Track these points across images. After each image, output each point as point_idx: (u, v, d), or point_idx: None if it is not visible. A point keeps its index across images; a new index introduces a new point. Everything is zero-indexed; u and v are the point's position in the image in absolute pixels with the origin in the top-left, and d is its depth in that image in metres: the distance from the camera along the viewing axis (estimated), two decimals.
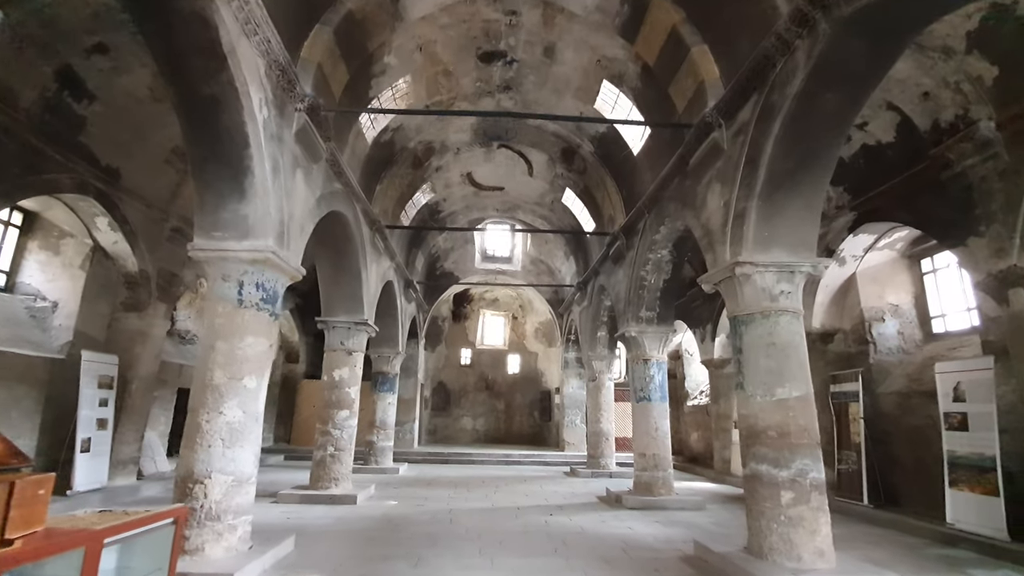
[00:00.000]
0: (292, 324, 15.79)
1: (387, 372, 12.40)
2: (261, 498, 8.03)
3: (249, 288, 4.94)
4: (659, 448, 8.47)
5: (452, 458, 14.35)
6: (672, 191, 7.05)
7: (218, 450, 4.59)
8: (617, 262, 9.78)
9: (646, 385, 8.72)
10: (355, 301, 8.74)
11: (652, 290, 8.80)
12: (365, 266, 8.74)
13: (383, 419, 12.13)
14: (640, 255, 8.59)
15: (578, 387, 16.47)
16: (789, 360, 4.98)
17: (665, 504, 7.98)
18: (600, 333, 12.52)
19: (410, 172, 10.32)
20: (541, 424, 19.38)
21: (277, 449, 14.67)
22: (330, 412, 8.40)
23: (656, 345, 8.90)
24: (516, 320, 20.62)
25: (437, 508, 7.65)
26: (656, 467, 8.38)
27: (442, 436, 19.03)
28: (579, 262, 13.42)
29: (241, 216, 4.97)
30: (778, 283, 5.15)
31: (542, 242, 15.95)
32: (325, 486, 8.08)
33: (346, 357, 8.64)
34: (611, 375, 12.69)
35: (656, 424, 8.57)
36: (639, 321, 8.91)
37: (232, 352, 4.79)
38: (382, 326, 12.02)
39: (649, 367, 8.78)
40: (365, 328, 8.85)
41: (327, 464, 8.19)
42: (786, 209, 5.11)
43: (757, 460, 4.89)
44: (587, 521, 6.95)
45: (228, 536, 4.51)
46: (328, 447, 8.26)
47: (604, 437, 12.24)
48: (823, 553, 4.58)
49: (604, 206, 10.34)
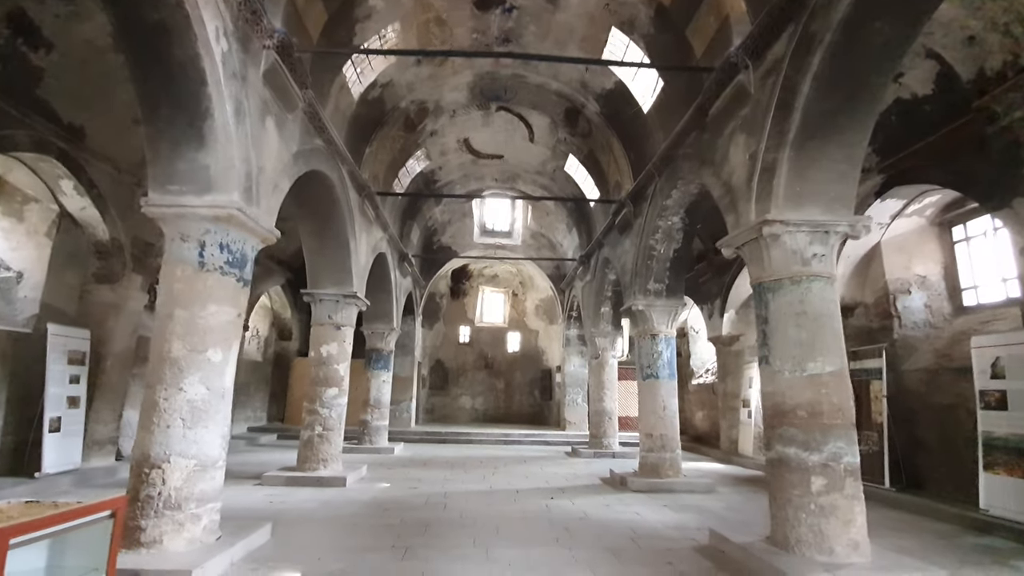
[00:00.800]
0: (284, 300, 15.25)
1: (381, 349, 11.89)
2: (245, 480, 7.60)
3: (211, 249, 4.36)
4: (667, 428, 7.98)
5: (450, 438, 13.95)
6: (688, 148, 6.40)
7: (178, 431, 4.07)
8: (623, 232, 9.16)
9: (653, 362, 8.20)
10: (343, 272, 8.16)
11: (661, 260, 8.21)
12: (354, 235, 8.14)
13: (377, 398, 11.67)
14: (649, 223, 7.98)
15: (580, 365, 16.00)
16: (822, 331, 4.43)
17: (673, 487, 7.52)
18: (604, 309, 11.97)
19: (402, 135, 9.63)
20: (542, 403, 18.99)
21: (271, 428, 14.28)
22: (317, 390, 7.90)
23: (664, 319, 8.34)
24: (516, 297, 20.07)
25: (431, 491, 7.20)
26: (663, 448, 7.91)
27: (440, 415, 18.66)
28: (582, 234, 12.79)
29: (200, 167, 4.36)
30: (810, 245, 4.56)
31: (543, 214, 15.29)
32: (313, 468, 7.62)
33: (334, 332, 8.10)
34: (614, 353, 12.18)
35: (664, 403, 8.07)
36: (647, 294, 8.34)
37: (192, 321, 4.23)
38: (375, 301, 11.47)
39: (657, 343, 8.25)
40: (355, 301, 8.29)
41: (315, 445, 7.72)
42: (822, 160, 4.48)
43: (784, 443, 4.37)
44: (591, 505, 6.49)
45: (190, 527, 4.02)
46: (316, 427, 7.77)
47: (607, 416, 11.79)
48: (858, 545, 4.09)
49: (610, 172, 9.67)
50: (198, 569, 3.60)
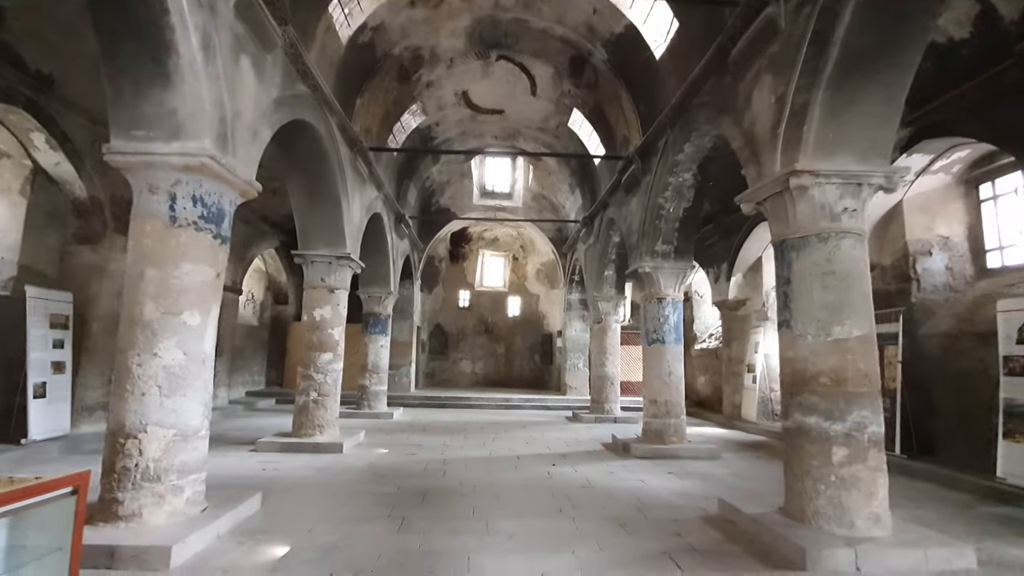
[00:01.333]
0: (279, 264, 14.87)
1: (379, 313, 11.60)
2: (241, 445, 7.43)
3: (183, 202, 3.97)
4: (672, 394, 7.76)
5: (450, 402, 13.85)
6: (705, 96, 5.89)
7: (154, 399, 3.78)
8: (630, 190, 8.71)
9: (660, 326, 7.90)
10: (336, 232, 7.76)
11: (670, 220, 7.80)
12: (345, 193, 7.70)
13: (375, 362, 11.46)
14: (658, 180, 7.53)
15: (581, 330, 15.78)
16: (850, 292, 4.09)
17: (677, 453, 7.35)
18: (607, 272, 11.62)
19: (396, 86, 9.04)
20: (542, 368, 18.89)
21: (269, 392, 14.17)
22: (312, 355, 7.63)
23: (672, 282, 8.00)
24: (517, 261, 19.69)
25: (430, 457, 7.02)
26: (668, 414, 7.70)
27: (440, 380, 18.58)
28: (585, 195, 12.31)
29: (167, 110, 3.92)
30: (841, 198, 4.17)
31: (545, 175, 14.74)
32: (308, 434, 7.43)
33: (327, 295, 7.77)
34: (617, 317, 11.90)
35: (670, 368, 7.82)
36: (654, 256, 7.97)
37: (165, 281, 3.88)
38: (371, 264, 11.12)
39: (664, 306, 7.93)
40: (348, 263, 7.93)
41: (310, 411, 7.50)
42: (860, 102, 4.04)
43: (804, 411, 4.09)
44: (594, 473, 6.30)
45: (172, 499, 3.78)
46: (311, 392, 7.54)
47: (609, 382, 11.61)
48: (879, 518, 3.87)
49: (617, 126, 9.12)
50: (179, 544, 3.37)
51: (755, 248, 11.47)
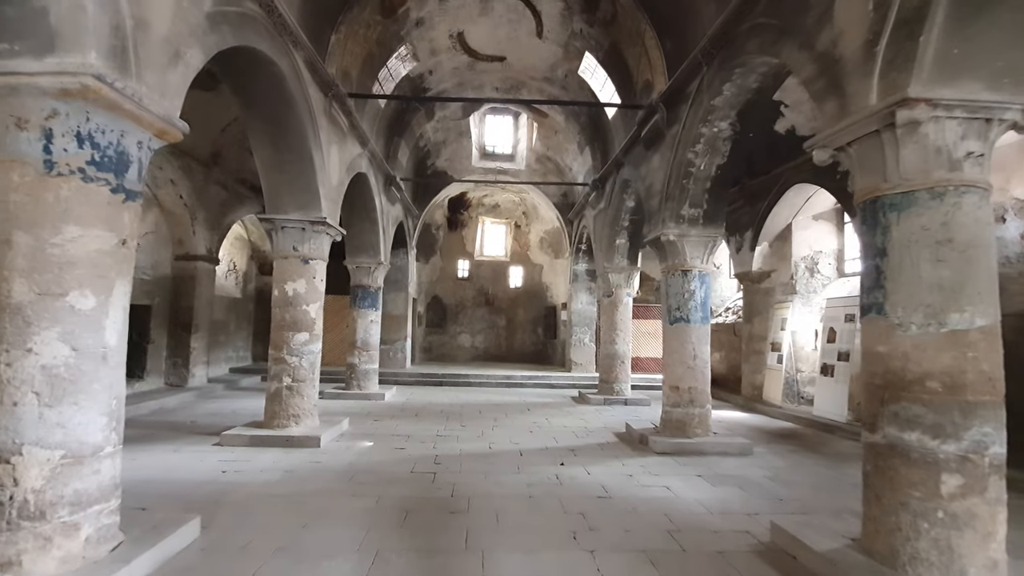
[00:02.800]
0: (262, 231, 13.75)
1: (368, 286, 10.59)
2: (205, 438, 6.53)
3: (64, 142, 2.88)
4: (697, 380, 6.80)
5: (447, 380, 12.98)
6: (758, 16, 4.69)
7: (30, 410, 2.79)
8: (651, 146, 7.54)
9: (684, 302, 6.87)
10: (309, 193, 6.66)
11: (700, 180, 6.67)
12: (319, 146, 6.57)
13: (365, 339, 10.51)
14: (688, 131, 6.38)
15: (588, 303, 14.79)
16: (973, 268, 3.04)
17: (703, 448, 6.44)
18: (619, 240, 10.53)
19: (379, 21, 7.75)
20: (545, 342, 17.99)
21: (255, 369, 13.30)
22: (284, 335, 6.65)
23: (700, 252, 6.93)
24: (519, 229, 18.54)
25: (420, 454, 6.12)
26: (692, 403, 6.76)
27: (438, 354, 17.72)
28: (596, 155, 11.09)
29: (35, 9, 2.79)
30: (963, 139, 3.07)
31: (551, 133, 13.45)
32: (281, 425, 6.52)
33: (301, 267, 6.73)
34: (629, 290, 10.88)
35: (695, 351, 6.83)
36: (679, 221, 6.88)
37: (42, 251, 2.84)
38: (358, 231, 10.05)
39: (689, 280, 6.89)
40: (325, 229, 6.85)
41: (283, 399, 6.57)
42: (994, 4, 2.89)
43: (902, 425, 3.10)
44: (609, 476, 5.39)
45: (63, 541, 2.83)
46: (283, 378, 6.60)
47: (619, 360, 10.68)
48: (996, 566, 2.94)
49: (638, 70, 7.86)
50: None
51: (784, 215, 10.33)
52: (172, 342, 10.41)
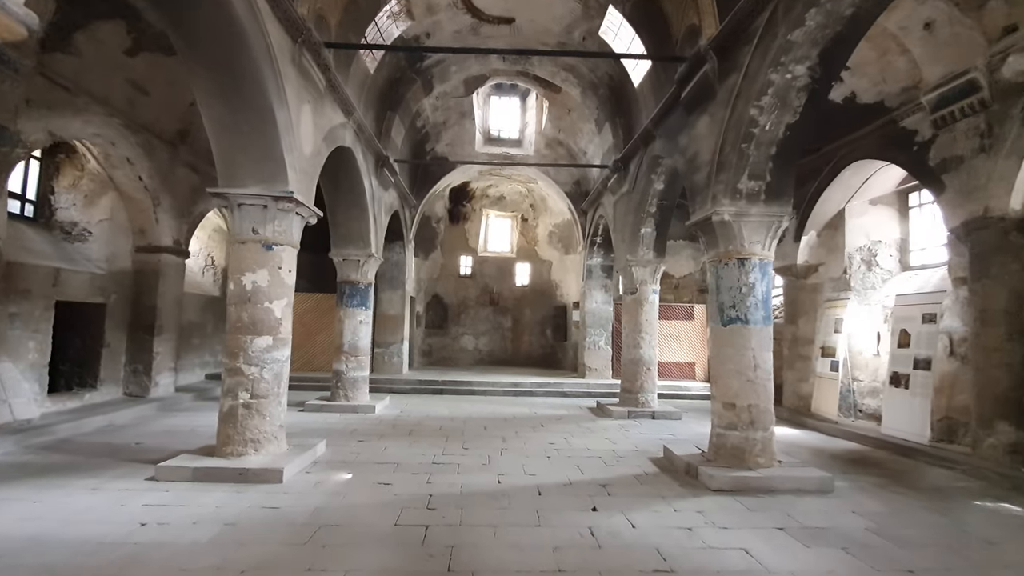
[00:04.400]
0: None
1: (356, 281, 9.24)
2: (141, 467, 5.18)
3: None
4: (759, 396, 5.43)
5: (448, 387, 11.62)
6: None
7: None
8: (697, 106, 6.17)
9: (741, 299, 5.50)
10: (272, 161, 5.32)
11: (764, 144, 5.31)
12: (283, 102, 5.23)
13: (353, 342, 9.16)
14: (751, 81, 5.02)
15: (604, 301, 13.41)
16: None
17: (771, 483, 5.05)
18: (644, 229, 9.16)
19: None
20: (555, 344, 16.62)
21: None
22: (241, 340, 5.30)
23: (760, 235, 5.56)
24: (526, 223, 17.19)
25: (410, 492, 4.76)
26: (753, 424, 5.38)
27: (439, 358, 16.37)
28: (617, 132, 9.73)
29: None
30: None
31: (563, 113, 12.08)
32: (236, 452, 5.17)
33: (263, 254, 5.38)
34: (655, 286, 9.51)
35: (755, 359, 5.46)
36: (735, 197, 5.51)
37: None
38: (344, 218, 8.72)
39: (747, 270, 5.52)
40: (294, 208, 5.50)
41: (238, 419, 5.22)
42: None
43: None
44: (661, 530, 4.02)
45: None
46: (239, 393, 5.25)
47: (644, 366, 9.30)
48: None
49: (679, 14, 6.45)
50: None
51: (837, 199, 8.95)
52: (132, 346, 9.07)
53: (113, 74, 7.72)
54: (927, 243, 8.46)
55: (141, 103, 8.30)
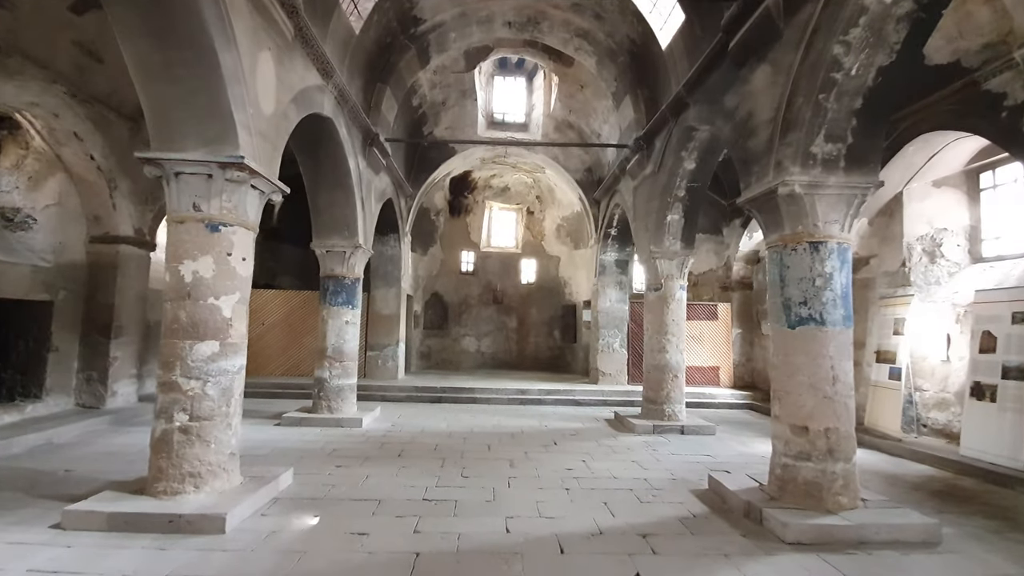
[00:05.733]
0: None
1: (342, 276, 8.09)
2: (55, 507, 4.04)
3: None
4: (840, 418, 4.27)
5: (447, 395, 10.47)
6: None
7: None
8: (750, 57, 4.99)
9: (815, 293, 4.35)
10: (217, 119, 4.17)
11: (848, 93, 4.14)
12: (231, 43, 4.09)
13: (337, 345, 8.01)
14: (836, 11, 3.86)
15: (618, 300, 12.23)
16: None
17: (863, 534, 3.87)
18: (671, 216, 7.99)
19: None
20: (563, 346, 15.45)
21: None
22: (177, 346, 4.16)
23: (839, 212, 4.40)
24: (532, 216, 16.02)
25: (390, 548, 3.61)
26: (831, 454, 4.22)
27: (438, 361, 15.21)
28: (639, 106, 8.55)
29: None
30: None
31: (575, 89, 10.92)
32: (171, 490, 4.03)
33: (206, 237, 4.24)
34: (682, 282, 8.34)
35: (833, 371, 4.30)
36: (808, 164, 4.34)
37: None
38: (327, 203, 7.60)
39: (823, 257, 4.36)
40: (248, 178, 4.35)
41: (173, 448, 4.08)
42: None
43: None
44: None
45: None
46: (175, 414, 4.11)
47: (671, 373, 8.13)
48: None
49: None
50: None
51: (894, 180, 7.76)
52: (85, 350, 7.95)
53: (56, 34, 6.60)
54: (1003, 230, 7.26)
55: (93, 70, 7.16)
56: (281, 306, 11.84)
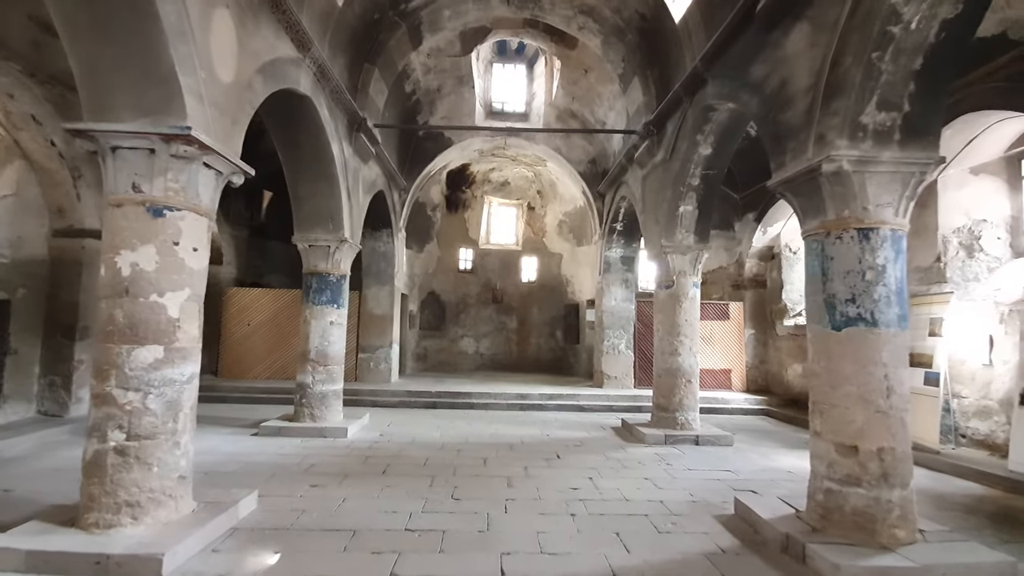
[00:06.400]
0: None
1: (326, 272, 7.46)
2: None
3: None
4: (894, 436, 3.61)
5: (443, 400, 9.83)
6: None
7: None
8: (784, 18, 4.34)
9: (865, 289, 3.69)
10: (157, 81, 3.53)
11: (907, 52, 3.49)
12: None
13: (321, 348, 7.38)
14: None
15: (624, 298, 11.59)
16: None
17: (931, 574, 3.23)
18: (684, 207, 7.35)
19: None
20: (565, 348, 14.81)
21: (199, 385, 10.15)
22: (111, 352, 3.53)
23: (894, 193, 3.75)
24: (533, 211, 15.38)
25: None
26: (885, 478, 3.57)
27: (435, 363, 14.57)
28: (648, 87, 7.89)
29: None
30: None
31: (579, 74, 10.27)
32: (104, 522, 3.40)
33: (148, 223, 3.60)
34: (696, 279, 7.69)
35: (887, 380, 3.64)
36: (857, 136, 3.69)
37: None
38: (309, 192, 6.98)
39: (874, 246, 3.70)
40: (199, 153, 3.71)
41: (107, 472, 3.46)
42: None
43: None
44: None
45: None
46: (110, 431, 3.48)
47: (684, 378, 7.48)
48: None
49: None
50: None
51: None
52: (48, 353, 7.33)
53: (8, 7, 6.00)
54: None
55: (52, 48, 6.50)
56: (268, 306, 11.21)
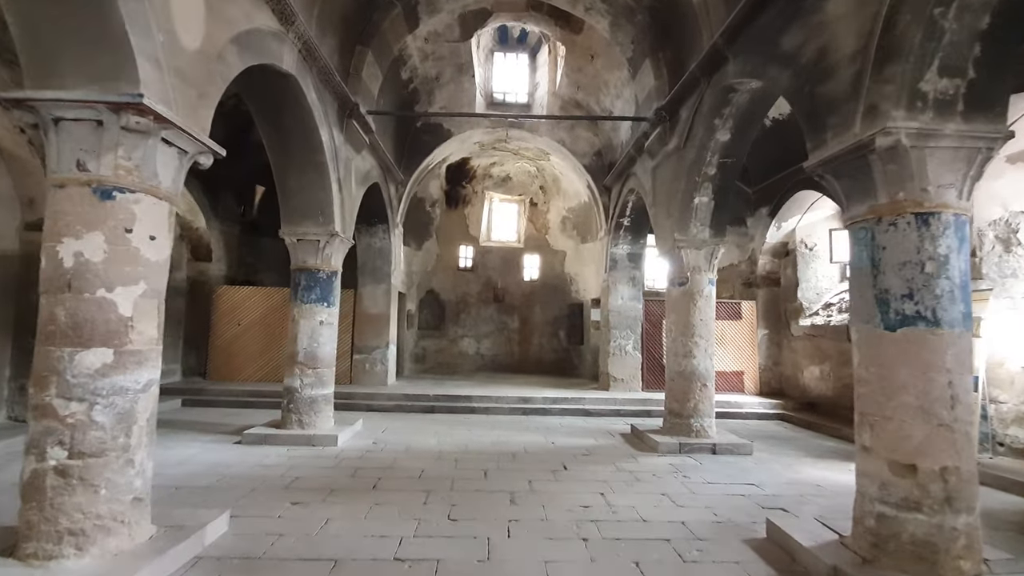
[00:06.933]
0: (193, 201, 10.24)
1: (316, 268, 6.98)
2: None
3: None
4: (959, 454, 3.12)
5: (441, 404, 9.35)
6: None
7: None
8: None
9: (925, 283, 3.20)
10: (107, 43, 3.05)
11: (974, 9, 3.00)
12: None
13: (310, 349, 6.90)
14: None
15: (631, 297, 11.10)
16: None
17: None
18: (699, 198, 6.86)
19: None
20: (569, 348, 14.31)
21: (186, 388, 9.73)
22: (52, 356, 3.05)
23: (957, 172, 3.25)
24: (536, 207, 14.90)
25: None
26: (948, 503, 3.07)
27: (434, 364, 14.09)
28: (660, 70, 7.39)
29: None
30: None
31: (584, 61, 9.77)
32: (44, 552, 2.92)
33: (95, 206, 3.12)
34: (711, 275, 7.20)
35: (952, 388, 3.16)
36: (915, 106, 3.19)
37: None
38: (297, 184, 6.51)
39: (935, 234, 3.21)
40: (155, 126, 3.23)
41: (46, 495, 2.97)
42: None
43: None
44: None
45: None
46: (50, 448, 3.00)
47: (699, 382, 6.98)
48: None
49: None
50: None
51: None
52: (18, 355, 6.85)
53: None
54: None
55: None
56: (259, 305, 10.74)
